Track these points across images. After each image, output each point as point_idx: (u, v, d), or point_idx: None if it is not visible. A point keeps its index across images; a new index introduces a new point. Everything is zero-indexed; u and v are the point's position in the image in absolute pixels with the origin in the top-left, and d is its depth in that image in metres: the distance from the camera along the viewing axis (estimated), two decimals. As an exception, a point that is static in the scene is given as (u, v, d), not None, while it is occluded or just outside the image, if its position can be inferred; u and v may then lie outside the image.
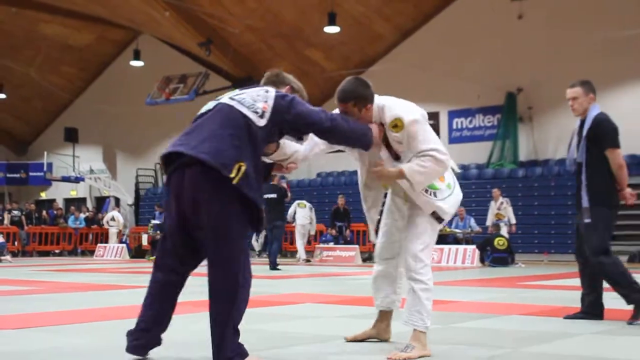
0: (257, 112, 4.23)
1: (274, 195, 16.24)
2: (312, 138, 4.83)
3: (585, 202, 6.37)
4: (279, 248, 17.51)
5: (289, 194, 17.56)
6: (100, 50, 33.53)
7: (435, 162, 4.62)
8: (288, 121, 4.30)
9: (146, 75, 30.61)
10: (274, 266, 15.83)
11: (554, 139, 23.89)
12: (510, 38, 24.26)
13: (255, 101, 4.30)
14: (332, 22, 24.01)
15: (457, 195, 4.87)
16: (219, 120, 4.28)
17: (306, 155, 4.85)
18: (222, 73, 28.27)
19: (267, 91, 4.41)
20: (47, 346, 5.02)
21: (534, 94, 24.01)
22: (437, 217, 4.75)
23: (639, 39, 21.86)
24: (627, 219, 21.92)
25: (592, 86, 6.35)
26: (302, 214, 21.26)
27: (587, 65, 23.03)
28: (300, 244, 21.36)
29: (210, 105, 4.61)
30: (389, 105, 4.71)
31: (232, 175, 4.02)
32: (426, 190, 4.69)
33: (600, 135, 6.51)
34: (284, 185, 17.10)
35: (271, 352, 4.72)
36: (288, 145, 4.71)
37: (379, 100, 4.79)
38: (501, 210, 20.08)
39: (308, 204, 21.73)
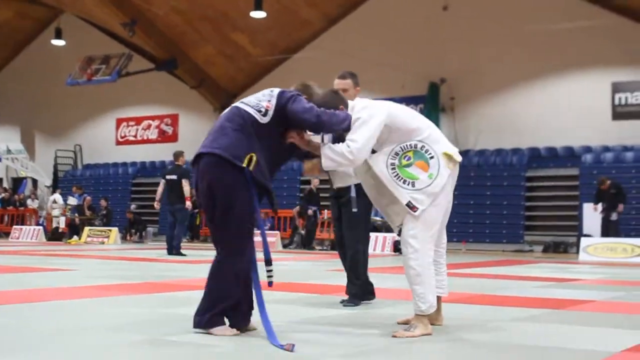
0: (260, 111, 4.77)
1: (174, 177, 15.32)
2: None
3: (353, 192, 6.63)
4: (184, 232, 17.09)
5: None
6: (20, 28, 32.67)
7: (346, 151, 4.72)
8: (287, 117, 4.78)
9: (68, 55, 30.00)
10: (177, 251, 15.29)
11: (474, 129, 24.24)
12: (435, 29, 24.49)
13: (260, 101, 4.84)
14: (258, 6, 23.86)
15: (434, 187, 4.86)
16: (228, 121, 4.80)
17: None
18: (145, 55, 27.90)
19: (272, 91, 4.95)
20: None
21: (457, 85, 24.30)
22: (411, 206, 4.81)
23: (562, 34, 22.28)
24: (542, 210, 22.45)
25: (358, 79, 6.55)
26: None
27: (510, 58, 23.48)
28: None
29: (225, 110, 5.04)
30: (355, 105, 5.02)
31: (245, 164, 4.61)
32: (404, 181, 4.81)
33: None
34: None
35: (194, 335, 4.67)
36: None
37: (354, 101, 5.15)
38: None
39: None
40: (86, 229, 23.80)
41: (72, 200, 25.20)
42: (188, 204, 15.43)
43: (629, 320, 6.03)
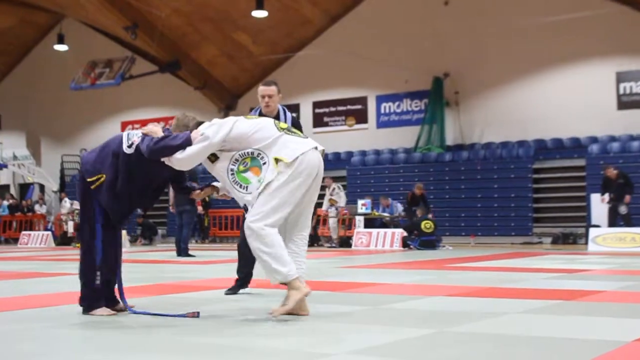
0: (129, 144, 5.59)
1: None
2: None
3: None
4: (190, 233, 17.17)
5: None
6: (23, 34, 32.74)
7: (174, 158, 5.45)
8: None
9: (71, 59, 30.07)
10: (185, 253, 15.43)
11: (480, 123, 24.23)
12: (437, 24, 24.48)
13: (134, 136, 5.63)
14: (260, 6, 23.88)
15: (261, 190, 5.34)
16: (106, 142, 5.79)
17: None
18: (148, 57, 27.93)
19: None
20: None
21: (461, 79, 24.28)
22: (247, 209, 5.44)
23: (566, 25, 22.25)
24: (550, 201, 22.42)
25: (279, 87, 7.20)
26: None
27: (513, 50, 23.44)
28: None
29: None
30: (213, 121, 5.69)
31: (91, 180, 5.58)
32: (240, 185, 5.41)
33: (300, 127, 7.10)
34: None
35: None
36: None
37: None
38: (334, 196, 20.80)
39: None
40: (94, 232, 23.78)
41: (77, 204, 25.19)
42: (200, 208, 15.48)
43: (639, 310, 6.02)
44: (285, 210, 5.37)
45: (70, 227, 24.94)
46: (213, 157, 5.51)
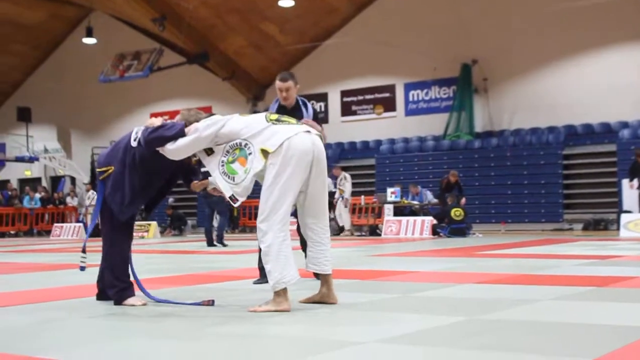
0: (134, 137, 5.70)
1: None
2: None
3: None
4: (227, 223, 17.29)
5: None
6: (52, 28, 32.98)
7: (167, 148, 5.56)
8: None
9: (99, 52, 30.24)
10: (220, 242, 15.57)
11: (509, 109, 24.08)
12: (465, 10, 24.34)
13: (140, 130, 5.73)
14: (286, -5, 23.90)
15: (247, 181, 5.40)
16: (120, 139, 5.92)
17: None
18: (176, 49, 28.01)
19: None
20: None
21: (489, 66, 24.13)
22: (232, 199, 5.47)
23: (592, 10, 22.05)
24: (581, 187, 22.25)
25: (297, 79, 7.28)
26: None
27: (541, 35, 23.25)
28: None
29: None
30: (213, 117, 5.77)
31: (101, 170, 5.78)
32: (228, 176, 5.44)
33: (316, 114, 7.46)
34: None
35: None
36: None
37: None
38: (341, 186, 20.75)
39: None
40: (125, 224, 23.97)
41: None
42: None
43: (673, 295, 5.96)
44: (287, 202, 5.32)
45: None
46: (209, 151, 5.56)
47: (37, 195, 29.03)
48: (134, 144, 5.66)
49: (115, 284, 5.79)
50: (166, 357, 3.81)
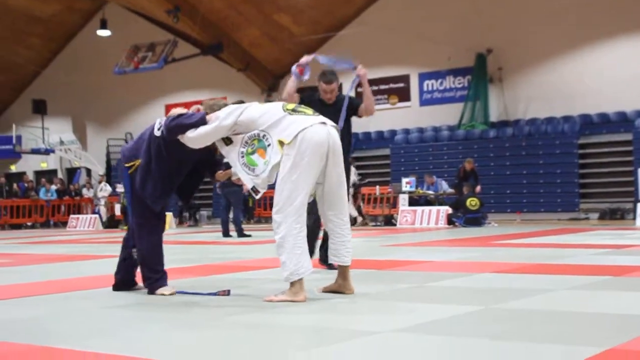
0: (159, 126, 5.77)
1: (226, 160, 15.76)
2: None
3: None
4: (242, 214, 17.29)
5: None
6: (67, 21, 33.06)
7: (186, 136, 5.60)
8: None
9: (114, 44, 30.30)
10: (241, 233, 15.54)
11: (524, 99, 23.99)
12: (480, -1, 24.24)
13: (162, 121, 5.80)
14: (300, -14, 23.86)
15: (265, 173, 5.41)
16: (143, 131, 5.98)
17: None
18: (190, 40, 28.02)
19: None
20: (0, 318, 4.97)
21: (504, 55, 24.04)
22: (254, 190, 5.50)
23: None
24: (597, 177, 22.15)
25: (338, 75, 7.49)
26: None
27: (556, 24, 23.13)
28: None
29: None
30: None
31: (128, 165, 5.86)
32: (248, 167, 5.46)
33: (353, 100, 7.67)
34: None
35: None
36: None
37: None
38: None
39: None
40: (141, 215, 24.07)
41: (121, 188, 25.54)
42: (245, 188, 15.55)
43: (689, 284, 5.95)
44: (302, 194, 5.31)
45: (117, 210, 25.29)
46: (228, 141, 5.58)
47: (53, 187, 29.18)
48: (157, 133, 5.73)
49: (149, 276, 5.88)
50: (180, 345, 3.84)
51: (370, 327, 4.21)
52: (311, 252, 6.21)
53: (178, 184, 5.97)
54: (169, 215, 23.42)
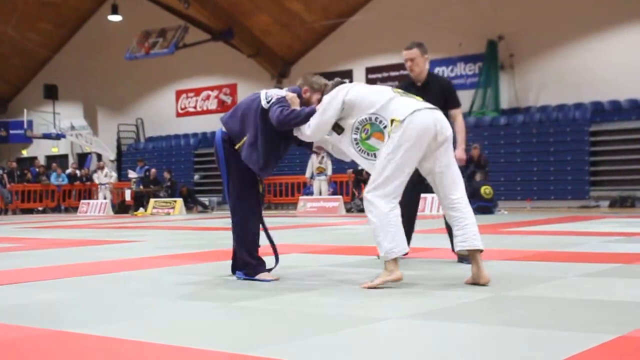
0: (266, 99, 5.69)
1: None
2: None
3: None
4: None
5: None
6: (78, 6, 33.12)
7: (304, 131, 5.56)
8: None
9: (125, 29, 30.34)
10: None
11: (535, 86, 23.92)
12: (491, -15, 24.13)
13: (272, 94, 5.74)
14: (311, -28, 23.79)
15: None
16: (240, 108, 5.90)
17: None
18: (201, 26, 28.04)
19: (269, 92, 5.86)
20: (13, 303, 5.00)
21: (515, 42, 23.96)
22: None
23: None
24: (607, 164, 22.09)
25: (426, 47, 6.85)
26: None
27: (568, 11, 23.03)
28: None
29: None
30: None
31: (238, 145, 5.72)
32: (368, 153, 5.35)
33: (452, 94, 7.06)
34: None
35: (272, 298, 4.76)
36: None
37: None
38: (322, 164, 20.99)
39: None
40: (152, 200, 24.18)
41: (132, 174, 25.64)
42: None
43: (700, 272, 5.94)
44: (401, 178, 5.23)
45: (127, 196, 25.38)
46: (339, 130, 5.49)
47: (69, 171, 29.36)
48: (265, 106, 5.66)
49: (249, 261, 5.86)
50: (197, 329, 3.86)
51: (380, 314, 4.22)
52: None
53: (285, 153, 5.95)
54: (179, 201, 23.50)
